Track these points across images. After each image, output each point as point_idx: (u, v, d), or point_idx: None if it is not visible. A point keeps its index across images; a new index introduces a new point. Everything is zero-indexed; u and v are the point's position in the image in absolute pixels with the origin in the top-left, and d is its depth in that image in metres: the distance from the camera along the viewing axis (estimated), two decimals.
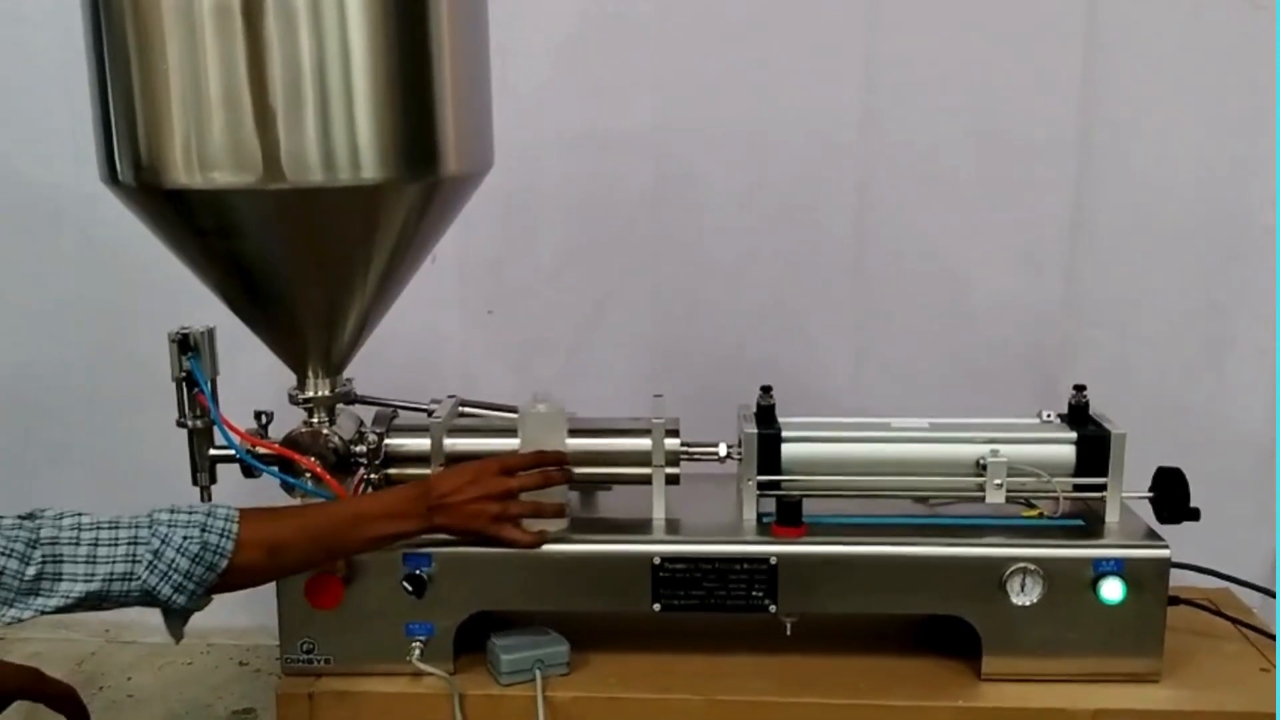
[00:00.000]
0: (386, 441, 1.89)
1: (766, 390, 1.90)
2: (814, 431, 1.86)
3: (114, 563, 1.50)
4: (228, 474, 1.88)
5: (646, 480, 1.86)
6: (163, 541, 1.53)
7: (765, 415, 1.87)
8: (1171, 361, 2.43)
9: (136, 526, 1.54)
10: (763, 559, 1.75)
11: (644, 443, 1.85)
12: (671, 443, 1.85)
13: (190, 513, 1.57)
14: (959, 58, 2.35)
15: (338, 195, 1.63)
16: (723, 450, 1.86)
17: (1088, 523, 1.82)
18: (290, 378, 1.89)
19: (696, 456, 1.87)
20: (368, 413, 1.96)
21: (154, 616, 2.72)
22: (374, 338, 1.90)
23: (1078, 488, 1.82)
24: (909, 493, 1.87)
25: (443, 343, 2.55)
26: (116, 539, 1.52)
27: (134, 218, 1.75)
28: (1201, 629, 1.90)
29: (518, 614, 1.84)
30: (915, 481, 1.84)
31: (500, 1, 1.84)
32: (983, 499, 1.81)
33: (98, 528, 1.52)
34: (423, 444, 1.88)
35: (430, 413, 1.93)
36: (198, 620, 1.89)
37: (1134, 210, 2.39)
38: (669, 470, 1.85)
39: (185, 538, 1.54)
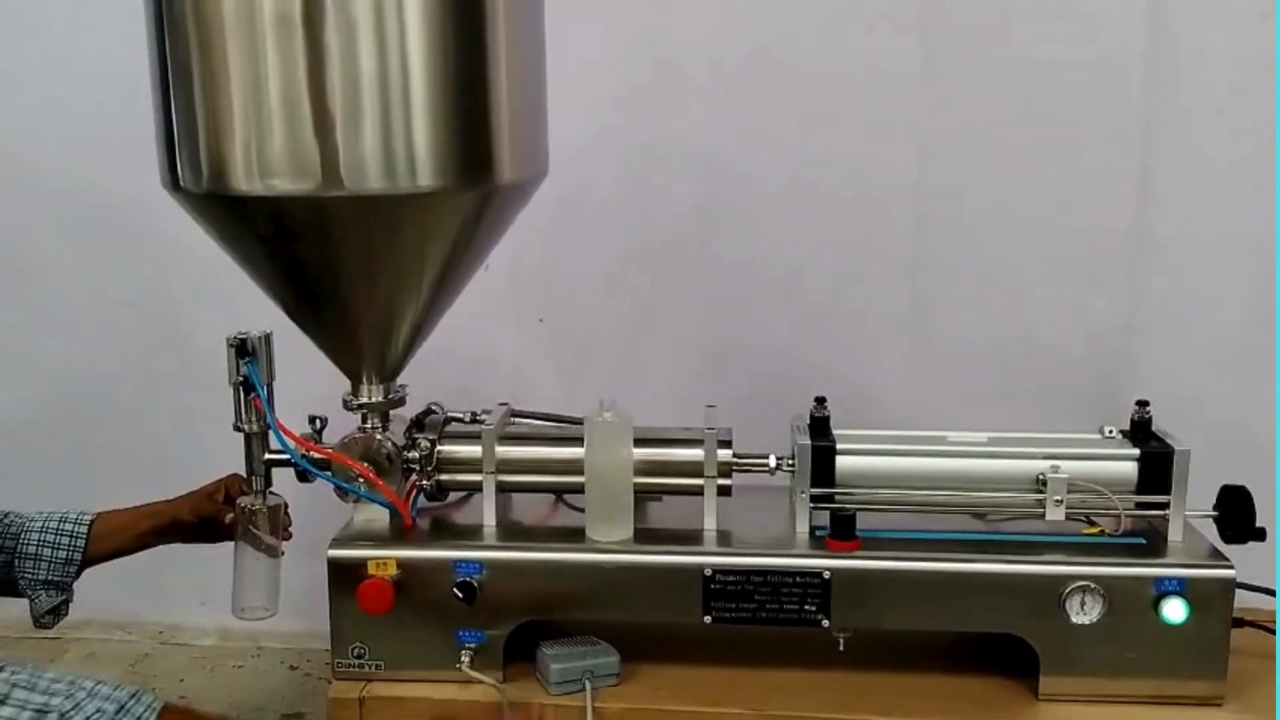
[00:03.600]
0: (439, 448, 1.91)
1: (821, 401, 1.89)
2: (869, 444, 1.85)
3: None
4: (282, 478, 1.91)
5: (698, 491, 1.86)
6: (75, 707, 1.46)
7: (819, 427, 1.87)
8: (1237, 376, 2.39)
9: (50, 694, 1.46)
10: (816, 573, 1.75)
11: (696, 453, 1.85)
12: (724, 454, 1.85)
13: (115, 690, 1.50)
14: (1019, 60, 2.32)
15: (394, 203, 1.65)
16: (772, 462, 1.86)
17: (1149, 541, 1.79)
18: (344, 383, 1.92)
19: (749, 468, 1.87)
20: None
21: (208, 619, 2.79)
22: (427, 345, 1.92)
23: (1140, 505, 1.80)
24: (966, 508, 1.85)
25: (494, 350, 2.57)
26: (26, 702, 1.44)
27: (192, 223, 1.78)
28: (1266, 652, 1.85)
29: (568, 623, 1.84)
30: (973, 497, 1.82)
31: (555, 10, 1.86)
32: (1042, 515, 1.79)
33: (13, 685, 1.44)
34: (475, 451, 1.89)
35: (482, 420, 1.94)
36: (248, 624, 1.92)
37: (1199, 220, 2.35)
38: (721, 481, 1.85)
39: (99, 710, 1.47)
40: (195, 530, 1.93)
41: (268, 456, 1.88)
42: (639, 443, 1.85)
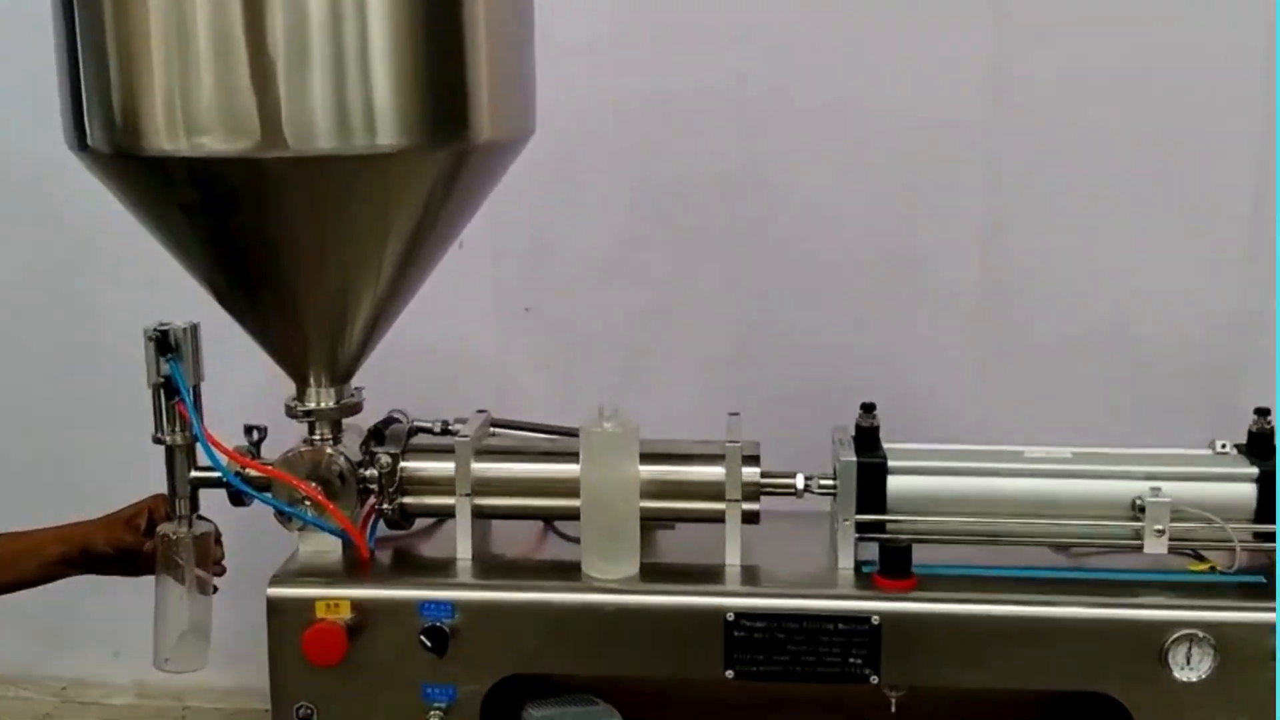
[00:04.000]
0: (403, 465, 1.91)
1: (869, 409, 1.89)
2: (927, 460, 1.85)
3: None
4: (213, 500, 1.91)
5: (719, 517, 1.86)
6: None
7: (867, 439, 1.87)
8: None
9: None
10: (863, 617, 1.74)
11: (716, 471, 1.85)
12: (749, 472, 1.85)
13: None
14: (1115, 11, 2.32)
15: (349, 165, 1.65)
16: (800, 482, 1.86)
17: (1270, 580, 1.78)
18: (288, 386, 1.92)
19: (780, 490, 1.87)
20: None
21: (121, 673, 2.80)
22: (389, 339, 1.92)
23: (1258, 536, 1.79)
24: (1046, 539, 1.85)
25: (471, 347, 2.57)
26: None
27: (105, 190, 1.78)
28: None
29: (558, 679, 1.84)
30: (1054, 526, 1.82)
31: None
32: (1139, 548, 1.78)
33: None
34: (446, 468, 1.89)
35: (455, 430, 1.94)
36: (172, 678, 1.93)
37: None
38: (746, 506, 1.85)
39: None
40: (111, 562, 1.94)
41: (194, 474, 1.88)
42: (646, 458, 1.85)
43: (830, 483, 1.85)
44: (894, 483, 1.83)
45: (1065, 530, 1.83)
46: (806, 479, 1.85)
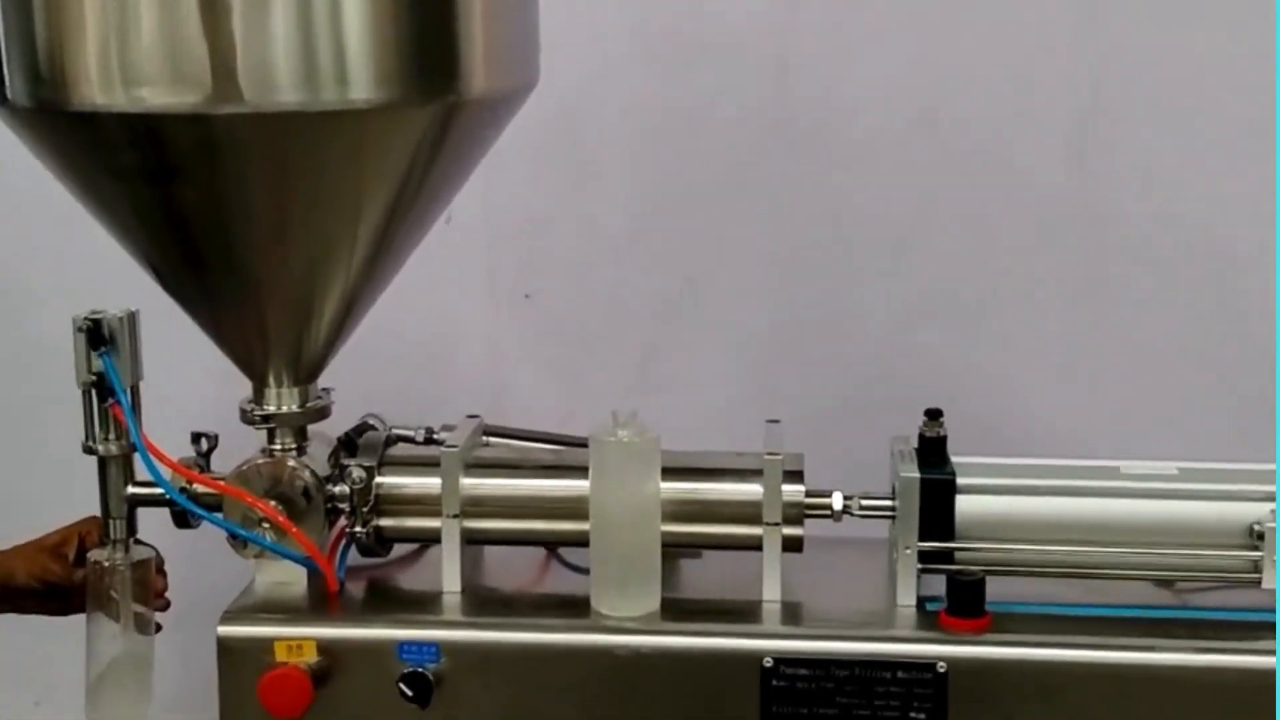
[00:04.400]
0: (379, 480, 1.93)
1: (934, 415, 1.90)
2: (1004, 478, 1.86)
3: None
4: (153, 521, 1.94)
5: (755, 544, 1.87)
6: None
7: (932, 452, 1.88)
8: None
9: None
10: (927, 664, 1.75)
11: (751, 489, 1.87)
12: (791, 490, 1.86)
13: None
14: None
15: (316, 123, 1.67)
16: (838, 502, 1.86)
17: None
18: (243, 385, 1.94)
19: (828, 511, 1.88)
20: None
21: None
22: (362, 332, 1.95)
23: None
24: (1146, 572, 1.86)
25: (460, 339, 2.60)
26: None
27: (26, 151, 1.80)
28: None
29: None
30: (1156, 556, 1.82)
31: None
32: (1258, 583, 1.80)
33: None
34: (431, 484, 1.91)
35: (441, 440, 1.96)
36: None
37: None
38: (787, 530, 1.86)
39: None
40: (34, 597, 1.97)
41: (131, 490, 1.91)
42: (669, 473, 1.86)
43: (888, 503, 1.86)
44: (964, 503, 1.84)
45: (1169, 561, 1.83)
46: (846, 499, 1.87)
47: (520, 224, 2.56)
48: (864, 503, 1.88)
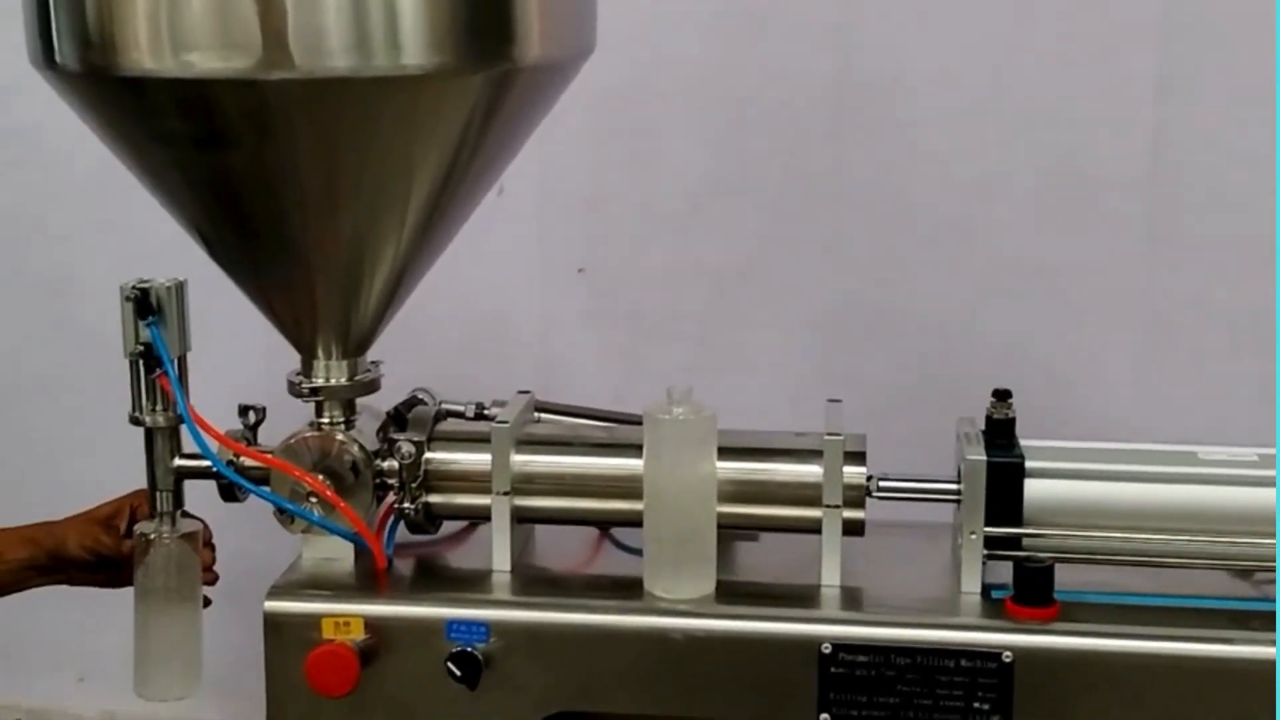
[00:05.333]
0: (428, 455, 1.92)
1: (1002, 396, 1.88)
2: (1075, 462, 1.83)
3: None
4: (200, 493, 1.94)
5: (814, 527, 1.85)
6: None
7: (1000, 434, 1.85)
8: None
9: None
10: (992, 653, 1.73)
11: (810, 470, 1.85)
12: (853, 472, 1.84)
13: None
14: None
15: (368, 89, 1.66)
16: (901, 485, 1.85)
17: None
18: (292, 358, 1.94)
19: (891, 494, 1.86)
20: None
21: (89, 701, 2.84)
22: (413, 304, 1.94)
23: None
24: (1222, 561, 1.82)
25: (512, 314, 2.59)
26: None
27: (76, 118, 1.80)
28: None
29: (615, 718, 1.84)
30: (1234, 546, 1.80)
31: None
32: None
33: None
34: (482, 460, 1.90)
35: (491, 415, 1.95)
36: (149, 709, 1.95)
37: None
38: (848, 513, 1.84)
39: None
40: (85, 569, 1.97)
41: (178, 463, 1.91)
42: (725, 453, 1.85)
43: (953, 487, 1.84)
44: (1032, 488, 1.81)
45: (1247, 551, 1.80)
46: (910, 481, 1.85)
47: (573, 197, 2.55)
48: (928, 486, 1.86)
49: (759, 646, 1.78)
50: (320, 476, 1.87)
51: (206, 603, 1.94)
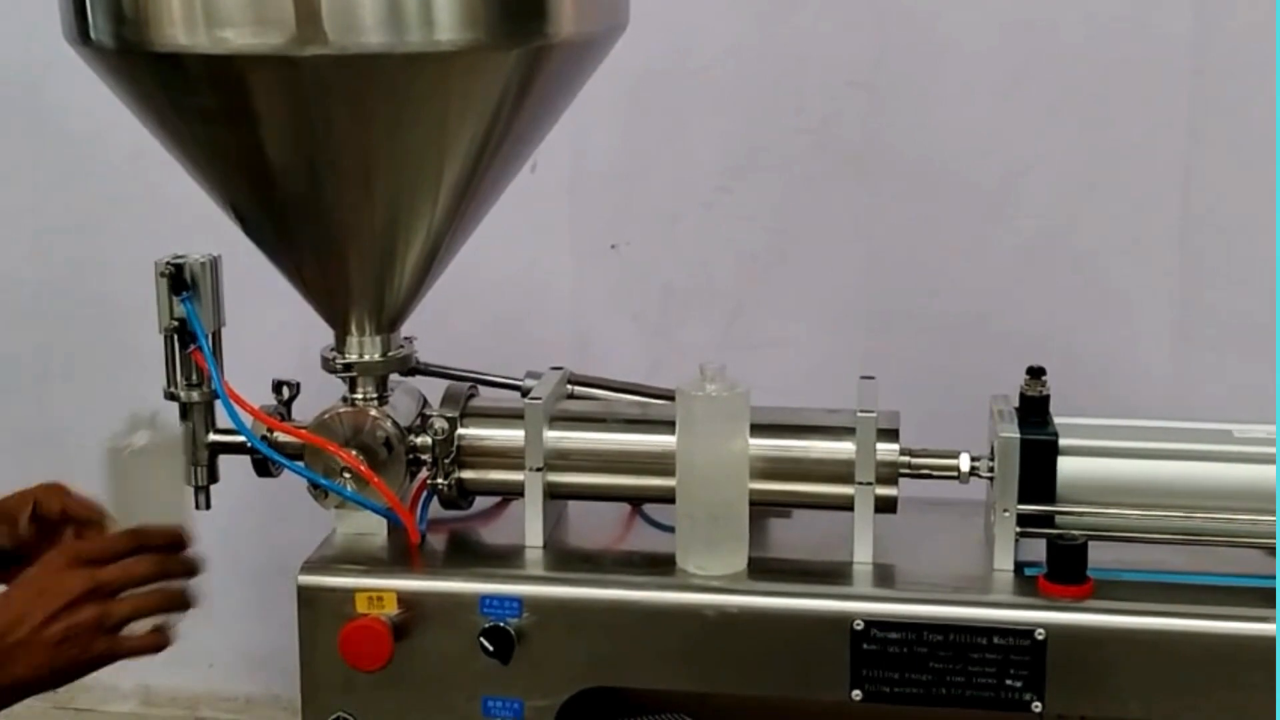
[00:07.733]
0: (461, 431, 1.94)
1: (1036, 374, 1.88)
2: (1109, 439, 1.83)
3: None
4: (234, 468, 1.96)
5: (846, 504, 1.86)
6: None
7: (1034, 411, 1.86)
8: None
9: None
10: (1025, 630, 1.74)
11: (843, 447, 1.85)
12: (886, 449, 1.85)
13: None
14: None
15: (401, 65, 1.67)
16: (965, 463, 1.85)
17: None
18: (325, 333, 1.95)
19: (924, 472, 1.86)
20: (435, 387, 2.01)
21: (118, 677, 2.87)
22: (445, 280, 1.95)
23: None
24: (1258, 539, 1.82)
25: (545, 290, 2.60)
26: None
27: (110, 94, 1.82)
28: None
29: (646, 695, 1.86)
30: (1268, 524, 1.79)
31: None
32: None
33: None
34: (514, 436, 1.91)
35: (526, 391, 1.97)
36: (182, 684, 1.96)
37: None
38: (881, 490, 1.85)
39: None
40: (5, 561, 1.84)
41: (213, 438, 1.93)
42: (758, 430, 1.85)
43: (986, 464, 1.84)
44: (1066, 465, 1.81)
45: None
46: (973, 460, 1.85)
47: (606, 173, 2.55)
48: (961, 463, 1.85)
49: (791, 623, 1.79)
50: (354, 452, 1.88)
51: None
